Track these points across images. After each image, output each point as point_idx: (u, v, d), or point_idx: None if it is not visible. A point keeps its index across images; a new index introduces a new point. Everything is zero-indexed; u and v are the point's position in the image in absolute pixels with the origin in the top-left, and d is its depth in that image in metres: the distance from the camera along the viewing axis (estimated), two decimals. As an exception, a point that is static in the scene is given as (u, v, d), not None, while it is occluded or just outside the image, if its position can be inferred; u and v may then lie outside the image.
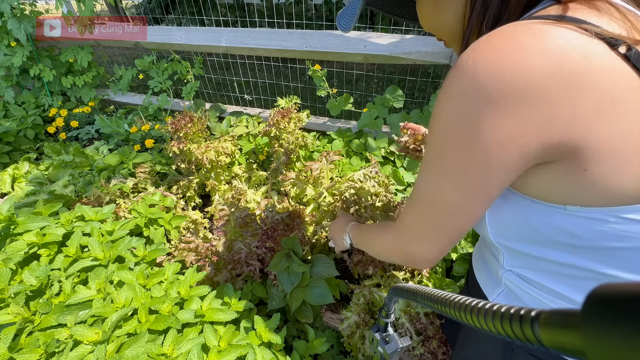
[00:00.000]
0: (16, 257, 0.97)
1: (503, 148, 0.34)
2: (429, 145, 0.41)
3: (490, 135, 0.34)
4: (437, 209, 0.43)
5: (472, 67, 0.34)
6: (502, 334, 0.23)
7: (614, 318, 0.13)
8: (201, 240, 1.19)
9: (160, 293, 0.92)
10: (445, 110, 0.37)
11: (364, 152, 1.70)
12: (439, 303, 0.34)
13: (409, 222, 0.49)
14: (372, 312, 1.01)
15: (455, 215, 0.42)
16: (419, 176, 0.45)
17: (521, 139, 0.33)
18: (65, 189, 1.56)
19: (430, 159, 0.42)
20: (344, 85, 3.33)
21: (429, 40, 1.55)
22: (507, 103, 0.32)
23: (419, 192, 0.45)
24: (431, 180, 0.42)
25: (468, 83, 0.34)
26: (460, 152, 0.37)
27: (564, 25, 0.32)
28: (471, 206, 0.40)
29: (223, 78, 2.61)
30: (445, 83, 0.37)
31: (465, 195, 0.40)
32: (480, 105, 0.33)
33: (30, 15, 2.17)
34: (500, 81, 0.32)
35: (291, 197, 1.38)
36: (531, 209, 0.40)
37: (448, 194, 0.41)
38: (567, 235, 0.39)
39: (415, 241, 0.48)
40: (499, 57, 0.32)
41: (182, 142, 1.42)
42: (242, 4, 4.83)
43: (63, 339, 0.78)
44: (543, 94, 0.31)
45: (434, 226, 0.45)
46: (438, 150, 0.40)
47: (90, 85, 2.47)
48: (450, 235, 0.45)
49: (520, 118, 0.32)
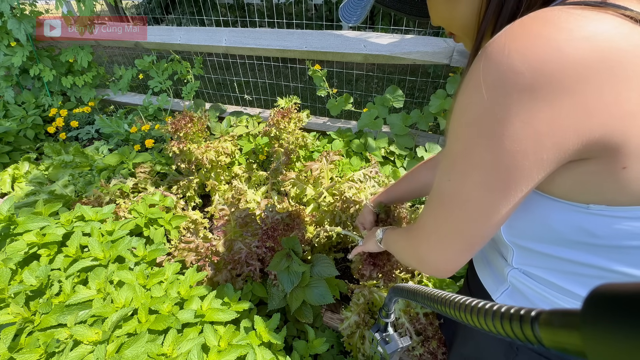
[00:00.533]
0: (16, 257, 0.97)
1: (538, 142, 0.32)
2: (450, 142, 0.39)
3: (525, 128, 0.32)
4: (460, 210, 0.40)
5: (507, 55, 0.31)
6: (502, 334, 0.23)
7: (614, 318, 0.13)
8: (201, 240, 1.19)
9: (160, 293, 0.92)
10: (473, 101, 0.34)
11: (364, 152, 1.70)
12: (439, 303, 0.34)
13: (428, 226, 0.45)
14: (372, 312, 1.01)
15: (479, 218, 0.39)
16: (439, 175, 0.42)
17: (559, 132, 0.31)
18: (65, 189, 1.56)
19: (452, 156, 0.39)
20: (344, 85, 3.33)
21: (429, 40, 1.55)
22: (546, 93, 0.30)
23: (439, 192, 0.42)
24: (454, 178, 0.39)
25: (502, 72, 0.31)
26: (489, 145, 0.34)
27: (605, 11, 0.30)
28: (497, 207, 0.37)
29: (223, 78, 2.61)
30: (473, 73, 0.34)
31: (492, 195, 0.37)
32: (516, 95, 0.31)
33: (30, 15, 2.17)
34: (539, 69, 0.30)
35: (291, 197, 1.38)
36: (550, 207, 0.39)
37: (472, 193, 0.38)
38: (585, 234, 0.37)
39: (434, 248, 0.45)
40: (538, 43, 0.30)
41: (182, 142, 1.42)
42: (242, 4, 4.83)
43: (63, 339, 0.78)
44: (586, 84, 0.29)
45: (454, 230, 0.41)
46: (463, 145, 0.37)
47: (90, 85, 2.47)
48: (471, 242, 0.42)
49: (560, 110, 0.30)
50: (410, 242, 0.52)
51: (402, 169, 1.64)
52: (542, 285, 0.46)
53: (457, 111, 0.37)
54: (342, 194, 1.10)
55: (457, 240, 0.42)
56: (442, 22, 0.47)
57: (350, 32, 1.73)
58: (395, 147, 1.71)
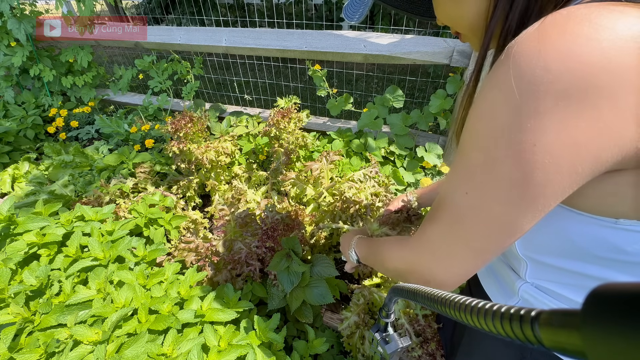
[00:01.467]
0: (16, 257, 0.97)
1: (574, 154, 0.29)
2: (468, 151, 0.36)
3: (560, 138, 0.29)
4: (475, 225, 0.36)
5: (541, 56, 0.28)
6: (502, 334, 0.23)
7: (614, 318, 0.13)
8: (201, 240, 1.19)
9: (160, 293, 0.92)
10: (498, 108, 0.31)
11: (364, 152, 1.70)
12: (439, 303, 0.34)
13: (435, 239, 0.42)
14: (372, 312, 1.01)
15: (498, 235, 0.36)
16: (451, 186, 0.39)
17: (598, 143, 0.28)
18: (65, 189, 1.56)
19: (470, 167, 0.36)
20: (344, 85, 3.33)
21: (429, 40, 1.55)
22: (585, 98, 0.27)
23: (451, 204, 0.38)
24: (472, 192, 0.36)
25: (535, 75, 0.28)
26: (517, 158, 0.31)
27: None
28: (520, 224, 0.34)
29: (223, 78, 2.62)
30: (496, 76, 0.31)
31: (516, 211, 0.33)
32: (551, 101, 0.28)
33: (30, 15, 2.17)
34: (578, 71, 0.27)
35: (291, 197, 1.38)
36: (572, 221, 0.35)
37: (494, 209, 0.34)
38: (612, 250, 0.34)
39: (440, 262, 0.42)
40: (578, 43, 0.27)
41: (182, 142, 1.42)
42: (242, 4, 4.83)
43: (63, 339, 0.78)
44: (630, 88, 0.26)
45: (466, 245, 0.38)
46: (485, 157, 0.34)
47: (90, 85, 2.47)
48: (484, 258, 0.38)
49: (600, 117, 0.27)
50: (407, 256, 0.48)
51: (402, 169, 1.64)
52: (558, 301, 0.43)
53: (477, 118, 0.34)
54: (342, 194, 1.10)
55: (468, 256, 0.39)
56: (449, 20, 0.45)
57: (350, 32, 1.73)
58: (395, 147, 1.71)
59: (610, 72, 0.26)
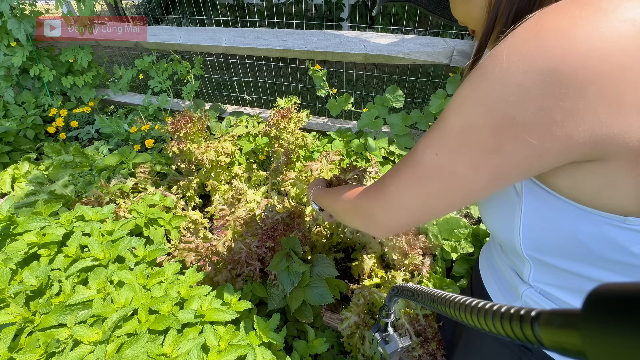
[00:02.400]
0: (16, 257, 0.97)
1: (549, 132, 0.29)
2: (448, 115, 0.36)
3: (539, 115, 0.29)
4: (436, 184, 0.38)
5: (536, 35, 0.29)
6: (502, 334, 0.23)
7: (614, 318, 0.13)
8: (201, 240, 1.19)
9: (160, 293, 0.92)
10: (486, 79, 0.32)
11: (364, 152, 1.70)
12: (439, 303, 0.34)
13: (391, 190, 0.43)
14: (372, 312, 1.01)
15: (454, 196, 0.38)
16: (422, 145, 0.39)
17: (575, 124, 0.28)
18: (65, 189, 1.56)
19: (447, 130, 0.36)
20: (344, 85, 3.33)
21: (429, 40, 1.55)
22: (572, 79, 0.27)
23: (418, 161, 0.39)
24: (442, 154, 0.37)
25: (526, 51, 0.29)
26: (495, 128, 0.32)
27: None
28: (478, 187, 0.36)
29: (223, 78, 2.61)
30: (495, 51, 0.31)
31: (478, 174, 0.35)
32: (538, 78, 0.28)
33: (30, 15, 2.17)
34: (568, 52, 0.27)
35: (291, 197, 1.38)
36: (578, 218, 0.35)
37: (458, 170, 0.36)
38: (621, 252, 0.34)
39: (388, 210, 0.44)
40: (574, 24, 0.27)
41: (182, 142, 1.42)
42: (242, 4, 4.82)
43: (63, 339, 0.78)
44: (622, 72, 0.26)
45: (421, 201, 0.40)
46: (463, 123, 0.34)
47: (90, 85, 2.47)
48: (432, 215, 0.41)
49: (584, 99, 0.27)
50: (358, 200, 0.51)
51: (402, 169, 1.64)
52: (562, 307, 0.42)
53: (466, 87, 0.34)
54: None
55: (418, 210, 0.41)
56: (460, 16, 0.46)
57: (350, 32, 1.73)
58: (395, 147, 1.71)
59: (605, 56, 0.26)
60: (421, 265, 1.09)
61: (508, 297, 0.52)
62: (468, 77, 0.34)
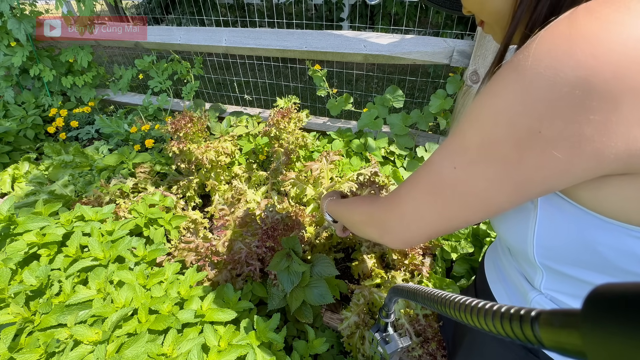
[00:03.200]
0: (16, 257, 0.97)
1: (578, 147, 0.27)
2: (466, 127, 0.34)
3: (567, 129, 0.27)
4: (454, 197, 0.36)
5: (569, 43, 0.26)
6: (502, 334, 0.23)
7: (614, 318, 0.13)
8: (201, 240, 1.19)
9: (160, 293, 0.92)
10: (511, 89, 0.30)
11: (364, 152, 1.70)
12: (439, 303, 0.34)
13: (408, 201, 0.42)
14: (372, 312, 1.01)
15: (474, 211, 0.36)
16: (440, 156, 0.38)
17: (606, 139, 0.26)
18: (65, 189, 1.56)
19: (466, 142, 0.34)
20: (344, 85, 3.33)
21: (429, 40, 1.55)
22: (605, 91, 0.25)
23: (436, 173, 0.38)
24: (461, 167, 0.35)
25: (557, 61, 0.26)
26: (519, 142, 0.30)
27: None
28: (499, 201, 0.34)
29: (223, 78, 2.61)
30: (517, 59, 0.29)
31: (500, 188, 0.33)
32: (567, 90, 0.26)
33: (30, 15, 2.17)
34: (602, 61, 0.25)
35: (291, 197, 1.38)
36: (600, 229, 0.33)
37: (479, 185, 0.34)
38: (637, 262, 0.32)
39: (404, 222, 0.43)
40: (608, 31, 0.25)
41: (182, 142, 1.42)
42: (242, 4, 4.82)
43: (63, 339, 0.78)
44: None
45: (438, 213, 0.39)
46: (484, 135, 0.32)
47: (90, 85, 2.47)
48: (450, 229, 0.40)
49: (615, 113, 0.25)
50: (374, 211, 0.50)
51: (402, 169, 1.64)
52: None
53: (487, 96, 0.32)
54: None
55: (435, 223, 0.40)
56: (474, 6, 0.43)
57: (350, 32, 1.73)
58: (395, 147, 1.71)
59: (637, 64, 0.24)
60: (421, 265, 1.09)
61: (515, 301, 0.51)
62: (489, 85, 0.32)
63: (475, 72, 1.44)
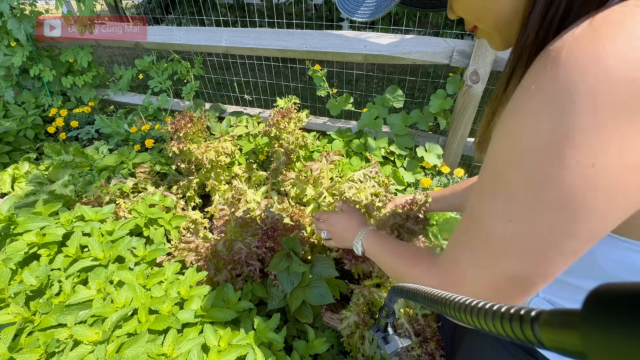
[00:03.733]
0: (16, 257, 0.97)
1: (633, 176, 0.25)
2: (505, 170, 0.31)
3: (622, 158, 0.25)
4: (521, 256, 0.31)
5: (598, 62, 0.24)
6: (502, 334, 0.23)
7: (614, 318, 0.13)
8: (201, 240, 1.19)
9: (160, 293, 0.92)
10: (544, 119, 0.27)
11: (364, 152, 1.70)
12: (438, 303, 0.34)
13: (466, 267, 0.37)
14: (372, 312, 1.01)
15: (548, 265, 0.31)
16: (486, 210, 0.33)
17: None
18: (65, 189, 1.56)
19: (510, 188, 0.31)
20: (344, 85, 3.33)
21: (429, 40, 1.55)
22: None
23: (490, 233, 0.33)
24: (515, 218, 0.31)
25: (592, 82, 0.24)
26: (572, 177, 0.27)
27: None
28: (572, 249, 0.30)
29: (223, 78, 2.61)
30: (540, 83, 0.27)
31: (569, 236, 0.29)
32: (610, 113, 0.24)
33: (30, 15, 2.17)
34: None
35: (291, 197, 1.38)
36: (603, 244, 0.32)
37: (543, 236, 0.30)
38: (637, 273, 0.32)
39: (465, 285, 0.38)
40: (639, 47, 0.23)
41: (182, 142, 1.42)
42: (242, 4, 4.82)
43: (63, 339, 0.78)
44: None
45: (510, 279, 0.34)
46: (529, 176, 0.29)
47: (90, 85, 2.47)
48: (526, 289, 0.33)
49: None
50: (431, 279, 0.44)
51: (402, 169, 1.64)
52: None
53: (515, 131, 0.29)
54: (342, 194, 1.10)
55: (514, 290, 0.34)
56: (468, 13, 0.40)
57: (350, 32, 1.73)
58: (395, 147, 1.71)
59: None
60: (421, 265, 1.09)
61: None
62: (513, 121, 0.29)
63: (475, 72, 1.44)
